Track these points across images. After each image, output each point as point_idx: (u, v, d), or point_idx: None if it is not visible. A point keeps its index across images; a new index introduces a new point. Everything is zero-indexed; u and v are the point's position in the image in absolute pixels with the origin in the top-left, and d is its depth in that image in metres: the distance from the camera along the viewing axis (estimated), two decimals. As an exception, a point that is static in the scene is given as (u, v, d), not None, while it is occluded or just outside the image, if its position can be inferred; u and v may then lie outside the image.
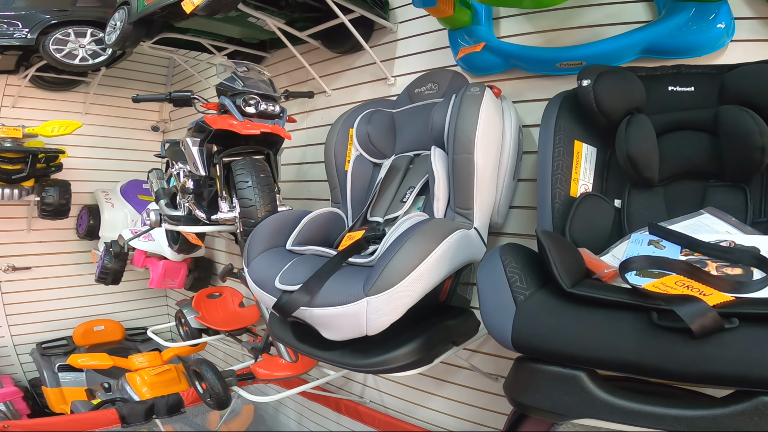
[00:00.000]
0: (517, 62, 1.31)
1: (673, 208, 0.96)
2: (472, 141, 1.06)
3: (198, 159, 1.44)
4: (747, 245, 0.77)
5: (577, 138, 1.04)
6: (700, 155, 0.95)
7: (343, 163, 1.38)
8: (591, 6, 1.25)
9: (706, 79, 0.99)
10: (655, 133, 0.98)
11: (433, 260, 0.90)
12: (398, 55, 1.67)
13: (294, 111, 1.99)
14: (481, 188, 1.10)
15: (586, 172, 1.04)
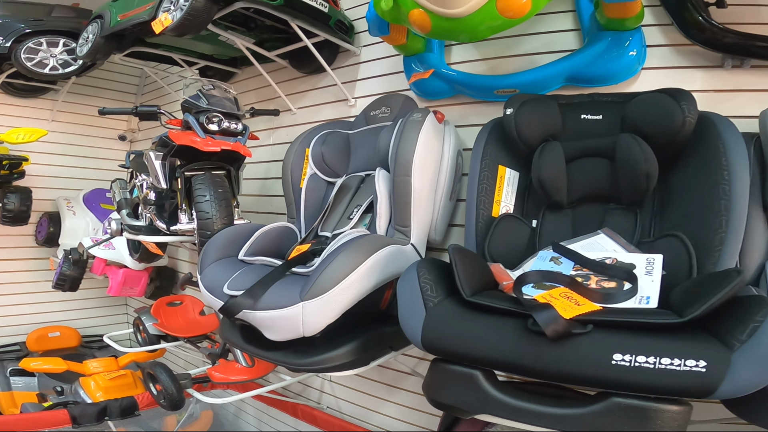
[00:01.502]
0: (462, 88, 1.51)
1: (578, 228, 1.15)
2: (410, 164, 1.24)
3: (160, 172, 1.58)
4: (626, 262, 0.95)
5: (501, 163, 1.22)
6: (602, 181, 1.14)
7: (299, 180, 1.56)
8: (529, 35, 1.46)
9: (613, 107, 1.18)
10: (566, 159, 1.17)
11: (362, 271, 1.07)
12: (360, 77, 1.86)
13: (260, 127, 2.16)
14: (418, 208, 1.27)
15: (508, 195, 1.22)
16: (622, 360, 0.70)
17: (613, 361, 0.71)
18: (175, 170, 1.59)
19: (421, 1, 1.02)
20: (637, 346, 0.70)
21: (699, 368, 0.66)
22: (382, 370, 1.71)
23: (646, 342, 0.71)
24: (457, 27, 1.03)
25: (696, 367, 0.66)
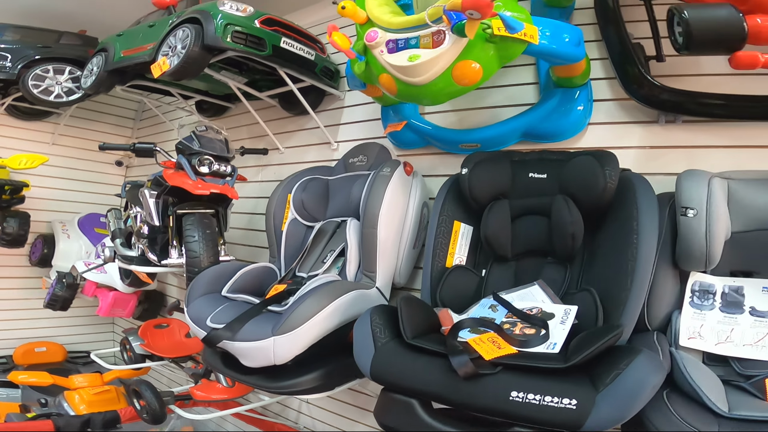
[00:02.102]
0: (431, 140, 1.78)
1: (520, 278, 1.40)
2: (377, 218, 1.51)
3: (153, 210, 1.85)
4: (548, 312, 1.20)
5: (457, 219, 1.49)
6: (541, 237, 1.39)
7: (281, 223, 1.84)
8: (494, 88, 1.74)
9: (556, 166, 1.42)
10: (513, 216, 1.43)
11: (325, 313, 1.33)
12: (343, 121, 2.14)
13: (250, 164, 2.44)
14: (383, 257, 1.55)
15: (461, 248, 1.48)
16: (517, 397, 0.94)
17: (510, 398, 0.94)
18: (167, 207, 1.86)
19: (388, 69, 1.25)
20: (530, 386, 0.94)
21: (571, 406, 0.89)
22: (354, 394, 1.95)
23: (537, 383, 0.95)
24: (419, 93, 1.27)
25: (569, 404, 0.90)
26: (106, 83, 2.42)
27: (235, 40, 1.76)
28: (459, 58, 1.16)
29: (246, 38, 1.79)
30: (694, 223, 1.14)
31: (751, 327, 1.15)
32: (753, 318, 1.15)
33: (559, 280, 1.33)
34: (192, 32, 1.78)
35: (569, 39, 1.27)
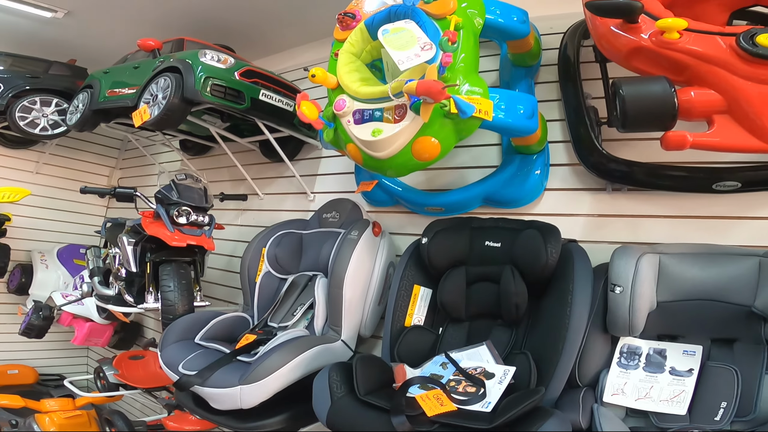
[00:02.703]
0: (400, 201, 2.01)
1: (472, 337, 1.63)
2: (342, 280, 1.74)
3: (131, 257, 2.07)
4: (490, 371, 1.41)
5: (417, 282, 1.72)
6: (492, 302, 1.62)
7: (254, 275, 2.07)
8: (461, 148, 1.96)
9: (510, 236, 1.65)
10: (468, 281, 1.66)
11: (291, 366, 1.55)
12: (321, 172, 2.37)
13: (231, 206, 2.65)
14: (348, 313, 1.77)
15: (420, 309, 1.71)
16: (445, 452, 1.15)
17: (438, 453, 1.15)
18: (145, 254, 2.07)
19: (354, 140, 1.45)
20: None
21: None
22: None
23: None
24: (382, 165, 1.47)
25: (491, 462, 1.10)
26: (91, 122, 2.63)
27: (214, 93, 1.96)
28: (418, 134, 1.35)
29: (225, 91, 1.99)
30: (620, 299, 1.36)
31: (668, 385, 1.35)
32: (672, 377, 1.36)
33: (505, 341, 1.56)
34: (172, 83, 1.97)
35: (524, 111, 1.46)
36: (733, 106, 1.17)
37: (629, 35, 1.29)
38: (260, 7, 2.55)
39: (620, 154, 1.60)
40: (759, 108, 1.14)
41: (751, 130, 1.15)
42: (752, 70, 1.16)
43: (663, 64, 1.27)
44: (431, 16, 1.44)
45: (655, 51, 1.25)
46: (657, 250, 1.44)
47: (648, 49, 1.26)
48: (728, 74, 1.18)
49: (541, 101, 1.86)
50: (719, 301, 1.34)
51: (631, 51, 1.30)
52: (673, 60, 1.24)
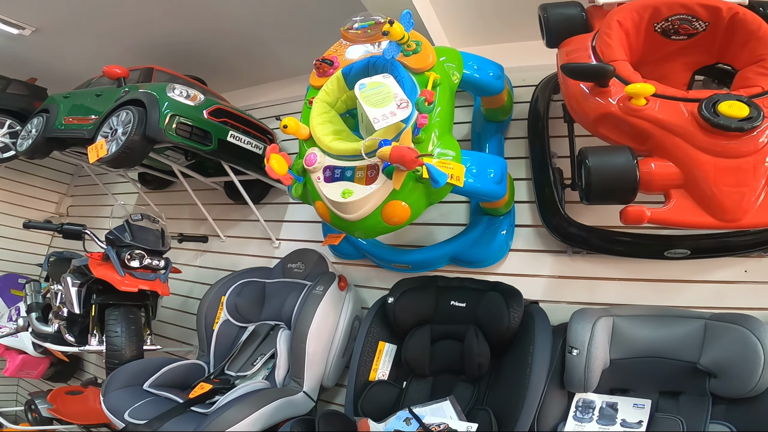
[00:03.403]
0: (367, 255, 2.00)
1: (435, 393, 1.65)
2: (306, 335, 1.72)
3: (75, 299, 1.96)
4: (453, 428, 1.43)
5: (382, 339, 1.74)
6: (456, 359, 1.65)
7: (212, 323, 2.00)
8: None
9: (475, 296, 1.70)
10: (433, 339, 1.69)
11: (250, 420, 1.50)
12: (287, 218, 2.35)
13: (190, 246, 2.56)
14: (311, 366, 1.75)
15: (385, 364, 1.72)
16: None
17: None
18: (91, 295, 1.96)
19: (324, 200, 1.44)
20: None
21: None
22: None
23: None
24: (350, 227, 1.46)
25: None
26: (43, 150, 2.50)
27: (180, 132, 1.87)
28: (389, 198, 1.35)
29: (191, 131, 1.91)
30: (576, 360, 1.43)
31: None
32: (623, 428, 1.42)
33: (467, 397, 1.58)
34: (135, 118, 1.85)
35: (494, 175, 1.51)
36: (689, 180, 1.19)
37: (599, 99, 1.32)
38: (236, 42, 2.59)
39: (583, 217, 1.70)
40: (714, 183, 1.15)
41: (705, 206, 1.17)
42: (711, 141, 1.17)
43: (628, 131, 1.29)
44: (410, 69, 1.49)
45: (621, 118, 1.27)
46: (611, 312, 1.52)
47: (615, 115, 1.28)
48: (687, 145, 1.20)
49: (510, 158, 1.98)
50: (667, 359, 1.44)
51: (599, 117, 1.33)
52: (637, 128, 1.26)
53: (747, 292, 1.55)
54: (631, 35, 1.46)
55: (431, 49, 1.53)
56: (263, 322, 1.98)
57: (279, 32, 2.43)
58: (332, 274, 1.91)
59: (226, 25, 2.44)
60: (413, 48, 1.50)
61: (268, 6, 2.27)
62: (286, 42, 2.49)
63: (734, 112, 1.14)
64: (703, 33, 1.46)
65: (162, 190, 2.90)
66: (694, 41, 1.49)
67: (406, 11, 1.44)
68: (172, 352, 2.36)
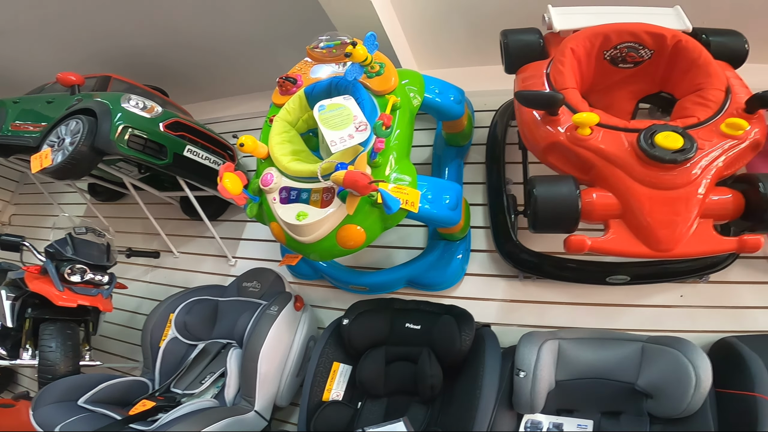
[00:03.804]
0: (325, 276, 2.00)
1: (389, 413, 1.67)
2: (258, 354, 1.71)
3: (8, 313, 1.89)
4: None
5: (337, 360, 1.75)
6: (410, 381, 1.68)
7: (158, 340, 1.95)
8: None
9: (430, 319, 1.73)
10: (387, 360, 1.71)
11: None
12: (245, 236, 2.32)
13: (141, 261, 2.48)
14: (263, 386, 1.73)
15: (339, 384, 1.73)
16: None
17: None
18: (26, 309, 1.88)
19: (279, 221, 1.44)
20: None
21: None
22: None
23: None
24: (305, 249, 1.47)
25: None
26: (-16, 156, 2.36)
27: (132, 145, 1.81)
28: (344, 221, 1.36)
29: (145, 144, 1.85)
30: (523, 383, 1.48)
31: (564, 454, 1.49)
32: None
33: (421, 418, 1.61)
34: (84, 128, 1.79)
35: (449, 201, 1.54)
36: (626, 211, 1.23)
37: (549, 128, 1.34)
38: (200, 55, 2.58)
39: (534, 243, 1.77)
40: (649, 214, 1.20)
41: (640, 236, 1.21)
42: (647, 172, 1.21)
43: (574, 161, 1.33)
44: (372, 91, 1.51)
45: (567, 147, 1.31)
46: (557, 335, 1.59)
47: (562, 144, 1.32)
48: (625, 176, 1.23)
49: (469, 183, 2.05)
50: (608, 380, 1.50)
51: (548, 145, 1.36)
52: (582, 158, 1.29)
53: (682, 316, 1.66)
54: (583, 63, 1.53)
55: (394, 71, 1.57)
56: (214, 341, 1.95)
57: (245, 47, 2.45)
58: (288, 294, 1.91)
59: (190, 38, 2.45)
60: (376, 70, 1.54)
61: (234, 21, 2.29)
62: (252, 57, 2.51)
63: (669, 144, 1.19)
64: (648, 61, 1.52)
65: (113, 202, 2.81)
66: (639, 69, 1.54)
67: (370, 33, 1.47)
68: (115, 368, 2.27)
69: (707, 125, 1.27)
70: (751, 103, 1.26)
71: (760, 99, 1.24)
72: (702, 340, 1.58)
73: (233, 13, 2.26)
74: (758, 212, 1.18)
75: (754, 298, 1.62)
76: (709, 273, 1.62)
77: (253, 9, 2.23)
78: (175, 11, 2.30)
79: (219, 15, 2.28)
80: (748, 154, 1.28)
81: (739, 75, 1.44)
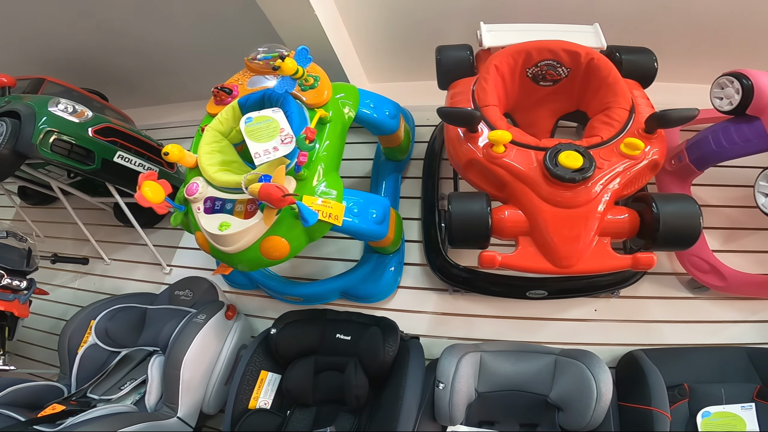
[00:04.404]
0: (260, 286, 1.99)
1: (318, 422, 1.69)
2: (180, 361, 1.71)
3: None
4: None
5: (265, 369, 1.77)
6: (338, 390, 1.71)
7: (77, 346, 1.92)
8: (328, 239, 2.08)
9: (360, 330, 1.77)
10: (317, 370, 1.74)
11: None
12: (182, 245, 2.30)
13: (70, 267, 2.41)
14: (187, 393, 1.72)
15: (267, 393, 1.75)
16: None
17: None
18: None
19: (203, 230, 1.44)
20: None
21: None
22: None
23: None
24: (231, 259, 1.47)
25: None
26: None
27: (56, 149, 1.79)
28: (268, 233, 1.38)
29: (71, 148, 1.83)
30: (442, 394, 1.52)
31: (484, 466, 1.55)
32: None
33: (348, 427, 1.64)
34: (7, 130, 1.76)
35: (376, 215, 1.58)
36: (534, 228, 1.28)
37: (470, 145, 1.38)
38: (144, 61, 2.56)
39: (463, 258, 1.84)
40: (552, 231, 1.25)
41: (545, 253, 1.27)
42: (551, 190, 1.25)
43: (490, 178, 1.37)
44: (306, 105, 1.54)
45: (483, 164, 1.35)
46: (480, 348, 1.66)
47: (479, 161, 1.36)
48: (533, 194, 1.28)
49: (407, 197, 2.12)
50: (525, 392, 1.57)
51: (467, 162, 1.40)
52: (496, 175, 1.34)
53: (596, 329, 1.77)
54: (507, 80, 1.58)
55: (328, 85, 1.61)
56: (139, 348, 1.93)
57: (191, 55, 2.46)
58: (220, 303, 1.92)
59: (134, 43, 2.45)
60: (311, 83, 1.58)
61: (179, 28, 2.29)
62: (199, 66, 2.51)
63: (570, 163, 1.23)
64: (566, 79, 1.57)
65: (45, 206, 2.74)
66: (558, 87, 1.60)
67: (302, 47, 1.49)
68: (35, 373, 2.22)
69: (608, 145, 1.33)
70: (649, 123, 1.31)
71: (658, 119, 1.29)
72: (614, 352, 1.70)
73: (178, 21, 2.27)
74: (651, 231, 1.24)
75: (662, 313, 1.75)
76: (620, 288, 1.73)
77: (199, 18, 2.25)
78: (118, 16, 2.29)
79: (164, 22, 2.29)
80: (646, 174, 1.35)
81: (647, 94, 1.51)
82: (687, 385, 1.51)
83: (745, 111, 1.47)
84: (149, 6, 2.22)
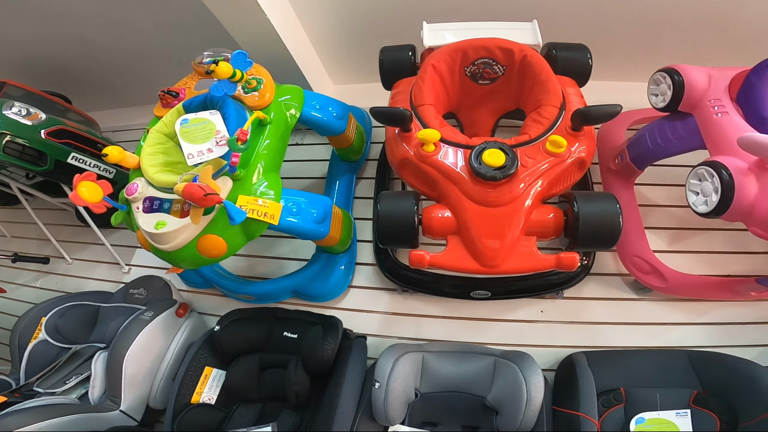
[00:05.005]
0: (214, 285, 2.02)
1: (262, 418, 1.73)
2: (123, 357, 1.76)
3: None
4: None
5: (209, 365, 1.81)
6: (281, 387, 1.73)
7: (27, 341, 1.97)
8: (283, 239, 2.13)
9: (306, 328, 1.80)
10: (263, 366, 1.78)
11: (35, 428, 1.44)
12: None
13: (32, 267, 2.44)
14: (130, 388, 1.77)
15: (211, 388, 1.79)
16: None
17: None
18: None
19: (141, 228, 1.46)
20: None
21: None
22: None
23: None
24: (171, 257, 1.49)
25: None
26: None
27: (9, 151, 1.85)
28: (204, 231, 1.41)
29: (23, 150, 1.90)
30: (377, 393, 1.55)
31: (425, 467, 1.57)
32: None
33: (290, 423, 1.67)
34: None
35: (316, 215, 1.60)
36: (461, 227, 1.29)
37: (404, 144, 1.40)
38: (109, 64, 2.58)
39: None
40: (477, 230, 1.26)
41: (471, 252, 1.28)
42: (476, 189, 1.26)
43: (422, 177, 1.38)
44: (248, 107, 1.57)
45: (414, 163, 1.36)
46: (423, 348, 1.69)
47: (411, 161, 1.37)
48: (459, 193, 1.28)
49: (362, 198, 2.15)
50: (465, 393, 1.59)
51: (401, 161, 1.42)
52: (427, 174, 1.34)
53: (543, 330, 1.78)
54: (447, 79, 1.59)
55: (271, 87, 1.64)
56: (90, 345, 1.97)
57: (152, 59, 2.49)
58: (172, 301, 1.96)
59: (96, 47, 2.48)
60: (253, 86, 1.61)
61: (141, 33, 2.32)
62: (162, 69, 2.53)
63: (492, 161, 1.23)
64: (502, 77, 1.56)
65: (10, 206, 2.78)
66: (496, 86, 1.60)
67: (238, 51, 1.52)
68: None
69: (535, 143, 1.33)
70: (574, 120, 1.31)
71: (581, 115, 1.28)
72: (558, 354, 1.71)
73: (139, 26, 2.30)
74: (573, 230, 1.25)
75: (606, 314, 1.77)
76: (563, 289, 1.73)
77: (158, 22, 2.29)
78: (79, 20, 2.33)
79: (124, 26, 2.32)
80: (574, 172, 1.36)
81: (581, 92, 1.52)
82: (623, 390, 1.50)
83: (677, 107, 1.46)
84: (110, 11, 2.25)
